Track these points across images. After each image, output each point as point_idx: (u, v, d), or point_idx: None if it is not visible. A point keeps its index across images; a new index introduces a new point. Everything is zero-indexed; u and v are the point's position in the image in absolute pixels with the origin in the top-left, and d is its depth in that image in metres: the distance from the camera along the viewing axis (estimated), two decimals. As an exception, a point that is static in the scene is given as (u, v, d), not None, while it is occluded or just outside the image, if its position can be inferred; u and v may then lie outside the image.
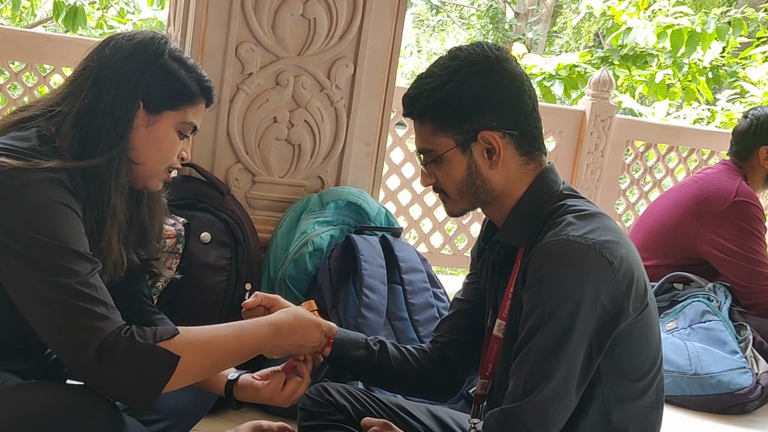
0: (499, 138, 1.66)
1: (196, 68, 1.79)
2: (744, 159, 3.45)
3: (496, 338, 1.75)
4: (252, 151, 2.81)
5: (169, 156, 1.76)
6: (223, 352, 1.62)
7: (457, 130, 1.67)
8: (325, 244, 2.66)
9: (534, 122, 1.70)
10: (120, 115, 1.67)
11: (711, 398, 3.05)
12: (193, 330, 1.60)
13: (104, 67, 1.70)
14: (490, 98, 1.65)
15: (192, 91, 1.76)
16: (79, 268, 1.53)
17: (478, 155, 1.68)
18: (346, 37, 2.82)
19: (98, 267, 1.57)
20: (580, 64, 8.33)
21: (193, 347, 1.57)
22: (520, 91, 1.68)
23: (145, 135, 1.72)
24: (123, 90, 1.68)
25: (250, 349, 1.66)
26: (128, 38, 1.74)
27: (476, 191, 1.70)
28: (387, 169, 4.30)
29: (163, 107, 1.72)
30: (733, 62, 8.71)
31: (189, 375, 1.57)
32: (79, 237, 1.57)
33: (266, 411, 2.44)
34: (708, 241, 3.31)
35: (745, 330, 3.16)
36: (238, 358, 1.66)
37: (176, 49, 1.78)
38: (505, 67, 1.67)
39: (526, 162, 1.71)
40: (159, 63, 1.72)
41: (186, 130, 1.77)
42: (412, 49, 16.50)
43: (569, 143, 4.72)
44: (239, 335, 1.65)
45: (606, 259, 1.54)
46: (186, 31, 2.77)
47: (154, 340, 1.53)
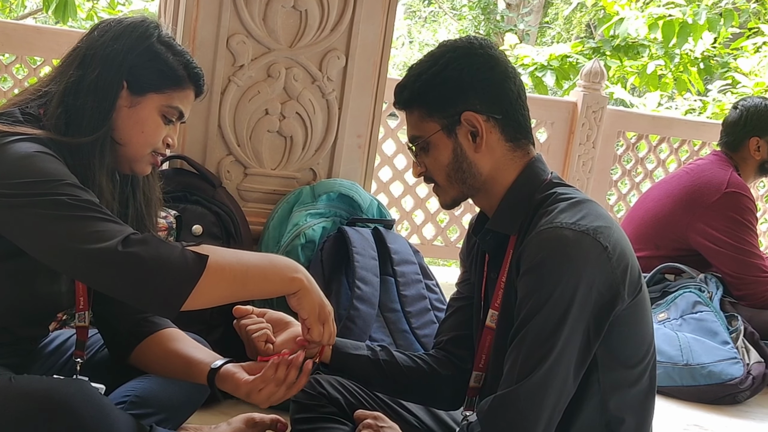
0: (482, 120, 1.68)
1: (185, 54, 1.79)
2: (734, 150, 3.46)
3: (489, 329, 1.76)
4: (243, 143, 2.80)
5: (152, 139, 1.76)
6: (252, 263, 1.60)
7: (442, 114, 1.69)
8: (318, 237, 2.66)
9: (519, 109, 1.72)
10: (103, 94, 1.68)
11: (702, 389, 3.06)
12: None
13: (91, 47, 1.72)
14: (472, 81, 1.68)
15: (178, 75, 1.75)
16: (78, 193, 1.53)
17: (463, 138, 1.69)
18: (338, 29, 2.81)
19: (96, 198, 1.57)
20: (571, 54, 8.33)
21: (220, 252, 1.56)
22: (504, 76, 1.71)
23: (127, 115, 1.72)
24: (107, 69, 1.69)
25: (280, 267, 1.62)
26: (118, 21, 1.75)
27: (463, 176, 1.72)
28: (379, 160, 4.29)
29: (146, 89, 1.73)
30: (724, 53, 8.73)
31: (221, 280, 1.53)
32: (68, 174, 1.57)
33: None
34: (699, 232, 3.32)
35: (736, 321, 3.17)
36: (270, 281, 1.62)
37: (167, 35, 1.78)
38: (488, 52, 1.70)
39: (513, 149, 1.72)
40: (146, 45, 1.73)
41: (171, 114, 1.77)
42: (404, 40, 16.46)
43: (561, 134, 4.72)
44: (264, 255, 1.66)
45: (600, 245, 1.56)
46: (177, 23, 2.75)
47: (181, 245, 1.52)
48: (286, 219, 2.73)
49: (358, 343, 1.91)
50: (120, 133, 1.72)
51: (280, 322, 1.81)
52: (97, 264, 1.49)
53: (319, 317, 1.67)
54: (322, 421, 1.93)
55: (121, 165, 1.78)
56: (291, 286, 1.63)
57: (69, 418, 1.52)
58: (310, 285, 1.65)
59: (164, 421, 1.92)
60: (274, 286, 1.64)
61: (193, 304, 1.51)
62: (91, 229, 1.49)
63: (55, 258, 1.54)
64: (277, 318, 1.81)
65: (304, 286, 1.64)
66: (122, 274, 1.48)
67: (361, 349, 1.88)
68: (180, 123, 1.82)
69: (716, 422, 2.96)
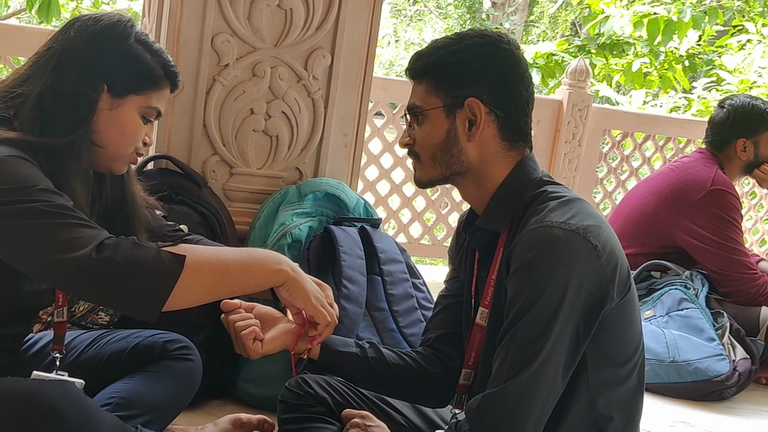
0: (484, 112, 1.68)
1: (161, 53, 1.77)
2: (720, 149, 3.47)
3: (479, 326, 1.75)
4: (229, 142, 2.79)
5: (133, 140, 1.75)
6: (234, 259, 1.58)
7: (448, 93, 1.69)
8: (304, 236, 2.65)
9: (523, 114, 1.72)
10: (82, 99, 1.66)
11: (689, 385, 3.07)
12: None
13: (68, 49, 1.69)
14: (487, 71, 1.68)
15: (157, 75, 1.74)
16: (51, 198, 1.51)
17: (460, 123, 1.69)
18: (323, 28, 2.80)
19: (71, 202, 1.55)
20: (557, 53, 8.36)
21: (199, 251, 1.55)
22: (519, 78, 1.71)
23: (108, 118, 1.71)
24: (86, 73, 1.67)
25: (262, 260, 1.61)
26: (94, 20, 1.72)
27: (450, 160, 1.71)
28: (365, 159, 4.28)
29: (127, 91, 1.71)
30: (709, 50, 8.77)
31: (201, 279, 1.52)
32: (42, 178, 1.55)
33: (246, 404, 2.44)
34: (685, 230, 3.33)
35: (722, 317, 3.18)
36: (252, 275, 1.60)
37: (142, 33, 1.76)
38: (513, 51, 1.71)
39: (508, 148, 1.72)
40: (124, 46, 1.71)
41: (150, 114, 1.76)
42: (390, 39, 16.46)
43: (547, 133, 4.73)
44: (247, 250, 1.63)
45: (590, 243, 1.56)
46: (161, 23, 2.74)
47: (156, 246, 1.51)
48: (272, 218, 2.72)
49: (347, 339, 1.90)
50: (100, 136, 1.71)
51: (269, 318, 1.79)
52: (73, 274, 1.48)
53: (316, 301, 1.66)
54: (310, 421, 1.92)
55: (98, 165, 1.76)
56: (276, 278, 1.62)
57: (54, 421, 1.50)
58: (296, 274, 1.64)
59: (150, 422, 1.91)
60: (257, 280, 1.62)
61: (174, 305, 1.50)
62: (65, 236, 1.47)
63: (34, 269, 1.53)
64: (266, 313, 1.79)
65: (289, 276, 1.63)
66: (99, 281, 1.47)
67: (349, 347, 1.87)
68: (156, 120, 1.82)
69: (703, 419, 2.97)
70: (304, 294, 1.65)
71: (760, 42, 8.08)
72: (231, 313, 1.75)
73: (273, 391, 2.12)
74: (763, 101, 3.50)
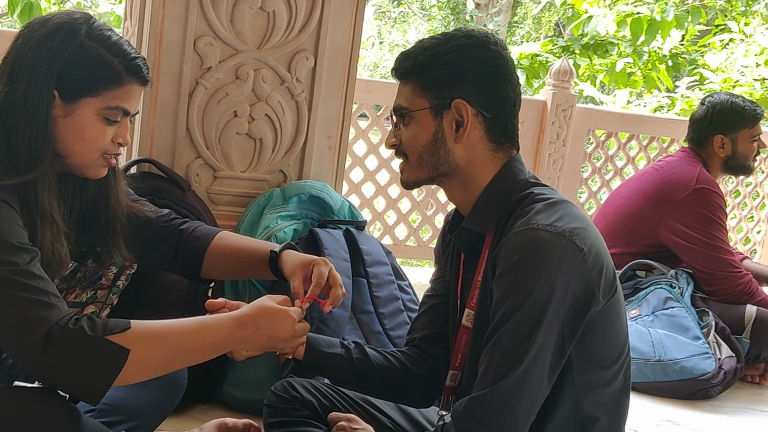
0: (471, 114, 1.67)
1: (120, 46, 1.65)
2: (700, 146, 3.48)
3: (465, 328, 1.75)
4: (212, 146, 2.78)
5: (96, 144, 1.66)
6: (181, 345, 1.56)
7: (434, 94, 1.67)
8: (289, 239, 2.64)
9: (510, 116, 1.71)
10: (34, 110, 1.59)
11: (675, 384, 3.08)
12: (147, 323, 1.55)
13: (17, 58, 1.61)
14: (475, 72, 1.67)
15: (114, 72, 1.63)
16: (15, 258, 1.48)
17: (447, 125, 1.68)
18: (306, 30, 2.80)
19: (36, 256, 1.52)
20: (541, 53, 8.38)
21: (145, 340, 1.51)
22: (506, 79, 1.70)
23: (64, 126, 1.63)
24: (34, 81, 1.59)
25: (212, 342, 1.59)
26: (41, 23, 1.63)
27: (437, 161, 1.70)
28: (350, 161, 4.28)
29: (79, 94, 1.62)
30: (692, 50, 8.81)
31: (143, 368, 1.52)
32: (13, 228, 1.51)
33: (231, 409, 2.43)
34: (670, 229, 3.34)
35: (707, 316, 3.19)
36: (201, 352, 1.60)
37: (98, 27, 1.65)
38: (500, 52, 1.69)
39: (495, 150, 1.71)
40: (72, 46, 1.61)
41: (113, 115, 1.65)
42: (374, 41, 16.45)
43: (531, 133, 4.73)
44: (198, 328, 1.58)
45: (576, 246, 1.55)
46: (143, 26, 2.72)
47: (103, 332, 1.48)
48: (256, 221, 2.71)
49: (332, 340, 1.90)
50: (61, 145, 1.63)
51: None
52: (18, 358, 1.51)
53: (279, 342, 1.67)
54: (296, 425, 1.91)
55: (72, 172, 1.70)
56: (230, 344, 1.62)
57: (36, 428, 1.48)
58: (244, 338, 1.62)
59: (135, 428, 1.89)
60: (214, 352, 1.61)
61: (119, 384, 1.52)
62: (20, 314, 1.45)
63: None
64: None
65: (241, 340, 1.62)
66: (42, 374, 1.49)
67: (334, 347, 1.86)
68: (130, 119, 1.72)
69: (689, 417, 2.97)
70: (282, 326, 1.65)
71: (743, 41, 8.13)
72: (215, 313, 1.74)
73: (259, 395, 2.11)
74: (743, 99, 3.51)
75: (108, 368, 1.48)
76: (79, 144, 1.65)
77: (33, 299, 1.46)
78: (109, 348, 1.48)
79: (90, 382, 1.48)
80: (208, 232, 2.02)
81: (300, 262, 1.86)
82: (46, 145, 1.60)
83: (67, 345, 1.45)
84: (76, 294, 2.36)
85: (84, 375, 1.47)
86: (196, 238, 1.99)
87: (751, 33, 8.14)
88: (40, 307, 1.46)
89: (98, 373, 1.48)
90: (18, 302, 1.45)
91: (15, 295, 1.45)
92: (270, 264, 1.92)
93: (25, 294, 1.46)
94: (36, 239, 1.59)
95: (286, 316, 1.65)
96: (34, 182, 1.59)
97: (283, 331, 1.65)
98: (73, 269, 2.34)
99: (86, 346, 1.46)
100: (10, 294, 1.45)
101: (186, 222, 2.01)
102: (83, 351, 1.46)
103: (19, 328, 1.45)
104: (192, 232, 2.00)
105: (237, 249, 2.01)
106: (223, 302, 1.75)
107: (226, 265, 2.00)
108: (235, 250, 2.00)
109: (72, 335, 1.46)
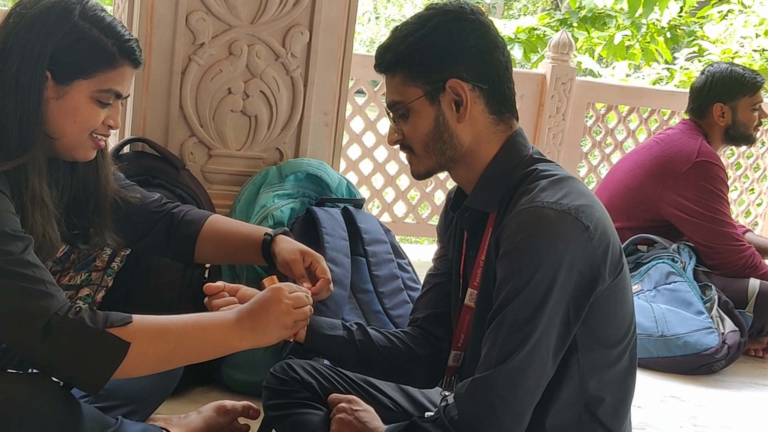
0: (468, 90, 1.62)
1: (114, 27, 1.63)
2: (700, 117, 3.45)
3: (468, 308, 1.72)
4: (207, 123, 2.73)
5: (87, 126, 1.63)
6: (182, 338, 1.53)
7: (426, 80, 1.63)
8: (286, 218, 2.60)
9: (506, 81, 1.67)
10: (25, 91, 1.55)
11: (678, 359, 3.06)
12: (149, 318, 1.52)
13: (8, 38, 1.58)
14: (461, 47, 1.62)
15: (107, 54, 1.61)
16: (9, 247, 1.45)
17: (446, 107, 1.63)
18: (300, 4, 2.74)
19: (30, 243, 1.49)
20: (539, 27, 8.33)
21: (146, 334, 1.49)
22: (493, 45, 1.65)
23: (56, 107, 1.60)
24: (26, 62, 1.56)
25: (213, 337, 1.55)
26: (33, 3, 1.60)
27: (443, 146, 1.66)
28: (347, 138, 4.24)
29: (72, 76, 1.59)
30: (690, 21, 8.75)
31: (143, 363, 1.49)
32: (5, 216, 1.48)
33: (230, 391, 2.41)
34: (671, 203, 3.31)
35: (710, 290, 3.17)
36: (203, 349, 1.56)
37: (92, 8, 1.62)
38: (479, 19, 1.64)
39: (496, 122, 1.67)
40: (66, 27, 1.58)
41: (105, 98, 1.63)
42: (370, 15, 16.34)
43: (530, 107, 4.68)
44: (199, 322, 1.55)
45: (582, 224, 1.51)
46: (134, 1, 2.66)
47: (104, 324, 1.46)
48: (253, 201, 2.67)
49: (334, 321, 1.86)
50: (51, 127, 1.60)
51: None
52: (18, 349, 1.49)
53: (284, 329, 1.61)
54: (296, 407, 1.88)
55: (61, 155, 1.67)
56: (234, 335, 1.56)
57: (31, 418, 1.46)
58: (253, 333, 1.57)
59: (132, 413, 1.88)
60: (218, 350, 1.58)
61: (120, 377, 1.50)
62: (17, 305, 1.43)
63: None
64: (251, 295, 1.73)
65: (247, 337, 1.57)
66: (43, 364, 1.47)
67: (336, 329, 1.83)
68: (121, 101, 1.70)
69: (693, 392, 2.96)
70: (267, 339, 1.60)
71: (742, 12, 8.07)
72: (214, 297, 1.72)
73: (258, 377, 2.09)
74: (743, 68, 3.48)
75: (108, 360, 1.46)
76: (70, 126, 1.62)
77: (30, 288, 1.44)
78: (109, 340, 1.45)
79: (89, 373, 1.46)
80: (200, 216, 2.00)
81: (300, 249, 1.87)
82: (38, 127, 1.57)
83: (66, 335, 1.43)
84: (70, 276, 2.32)
85: (83, 366, 1.45)
86: (187, 223, 1.97)
87: (750, 4, 8.08)
88: (38, 296, 1.44)
89: (98, 365, 1.46)
90: (15, 292, 1.43)
91: (12, 285, 1.43)
92: (263, 248, 1.91)
93: (21, 283, 1.43)
94: (27, 223, 1.56)
95: (276, 290, 1.60)
96: (25, 166, 1.56)
97: (284, 314, 1.59)
98: (67, 251, 2.31)
99: (86, 337, 1.44)
100: (6, 284, 1.43)
101: (178, 206, 1.99)
102: (83, 342, 1.44)
103: (17, 318, 1.43)
104: (183, 216, 1.98)
105: (228, 234, 2.00)
106: (222, 285, 1.73)
107: (218, 249, 2.00)
108: (227, 235, 1.99)
109: (72, 326, 1.43)
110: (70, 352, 1.44)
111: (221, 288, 1.72)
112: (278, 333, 1.59)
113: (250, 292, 1.75)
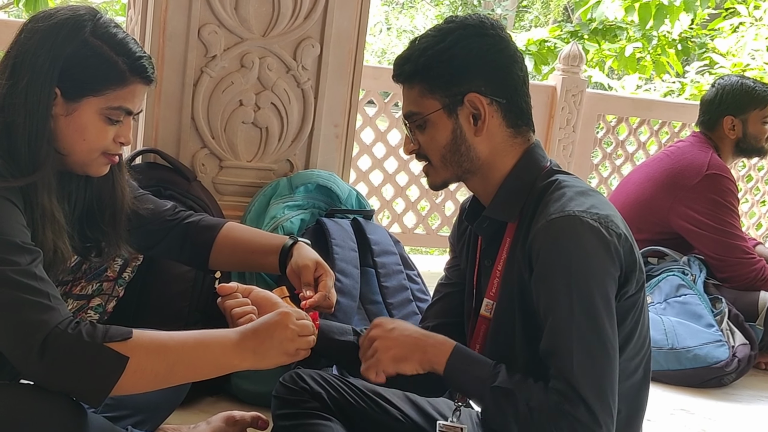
0: (486, 104, 1.64)
1: (126, 44, 1.61)
2: (711, 129, 3.45)
3: (484, 318, 1.72)
4: (218, 135, 2.75)
5: (97, 144, 1.62)
6: (182, 355, 1.50)
7: (444, 93, 1.64)
8: (296, 229, 2.61)
9: (523, 95, 1.69)
10: (33, 107, 1.55)
11: (688, 372, 3.05)
12: (148, 332, 1.51)
13: (20, 53, 1.57)
14: (480, 62, 1.64)
15: (118, 71, 1.59)
16: (17, 258, 1.45)
17: (464, 120, 1.65)
18: (312, 17, 2.76)
19: (39, 257, 1.49)
20: (549, 39, 8.33)
21: (145, 349, 1.47)
22: (512, 60, 1.67)
23: (65, 124, 1.59)
24: (35, 77, 1.55)
25: (214, 355, 1.53)
26: (45, 18, 1.59)
27: (460, 159, 1.67)
28: (357, 149, 4.25)
29: (82, 93, 1.58)
30: (701, 34, 8.74)
31: (141, 378, 1.47)
32: (16, 227, 1.48)
33: (239, 401, 2.41)
34: (681, 215, 3.31)
35: (720, 303, 3.16)
36: (203, 367, 1.54)
37: (104, 24, 1.61)
38: (499, 34, 1.66)
39: (513, 135, 1.69)
40: (76, 43, 1.57)
41: (115, 115, 1.62)
42: (382, 26, 16.37)
43: (541, 119, 4.69)
44: (200, 340, 1.53)
45: (614, 232, 1.54)
46: (146, 14, 2.69)
47: (102, 339, 1.44)
48: (263, 212, 2.68)
49: (345, 327, 1.87)
50: (61, 143, 1.60)
51: (267, 303, 1.72)
52: (16, 362, 1.46)
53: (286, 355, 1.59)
54: (305, 417, 1.88)
55: (73, 170, 1.67)
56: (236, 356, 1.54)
57: (40, 424, 1.46)
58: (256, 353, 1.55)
59: (141, 422, 1.88)
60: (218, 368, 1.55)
61: (118, 393, 1.48)
62: (20, 318, 1.42)
63: None
64: (264, 297, 1.73)
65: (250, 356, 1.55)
66: (41, 380, 1.46)
67: (346, 335, 1.83)
68: (133, 118, 1.68)
69: (703, 405, 2.95)
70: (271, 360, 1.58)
71: (753, 24, 8.06)
72: (227, 298, 1.71)
73: (267, 387, 2.09)
74: (753, 81, 3.48)
75: (105, 375, 1.44)
76: (79, 143, 1.62)
77: (33, 300, 1.43)
78: (107, 354, 1.44)
79: (87, 387, 1.45)
80: (216, 223, 2.02)
81: (316, 259, 1.88)
82: (46, 143, 1.57)
83: (63, 349, 1.42)
84: (81, 286, 2.34)
85: (80, 380, 1.44)
86: (204, 229, 1.99)
87: (761, 16, 8.06)
88: (40, 309, 1.43)
89: (95, 380, 1.44)
90: (18, 303, 1.43)
91: (15, 296, 1.43)
92: (281, 252, 1.93)
93: (25, 295, 1.43)
94: (37, 238, 1.56)
95: (283, 315, 1.58)
96: (35, 182, 1.56)
97: (287, 340, 1.58)
98: (78, 261, 2.32)
99: (83, 351, 1.43)
100: (10, 294, 1.43)
101: (192, 214, 2.00)
102: (80, 356, 1.43)
103: (17, 330, 1.43)
104: (199, 222, 2.00)
105: (245, 241, 2.01)
106: (235, 286, 1.72)
107: (234, 256, 2.00)
108: (243, 242, 2.00)
109: (69, 340, 1.42)
110: (66, 365, 1.43)
111: (234, 289, 1.71)
112: (279, 359, 1.57)
113: (263, 294, 1.74)
